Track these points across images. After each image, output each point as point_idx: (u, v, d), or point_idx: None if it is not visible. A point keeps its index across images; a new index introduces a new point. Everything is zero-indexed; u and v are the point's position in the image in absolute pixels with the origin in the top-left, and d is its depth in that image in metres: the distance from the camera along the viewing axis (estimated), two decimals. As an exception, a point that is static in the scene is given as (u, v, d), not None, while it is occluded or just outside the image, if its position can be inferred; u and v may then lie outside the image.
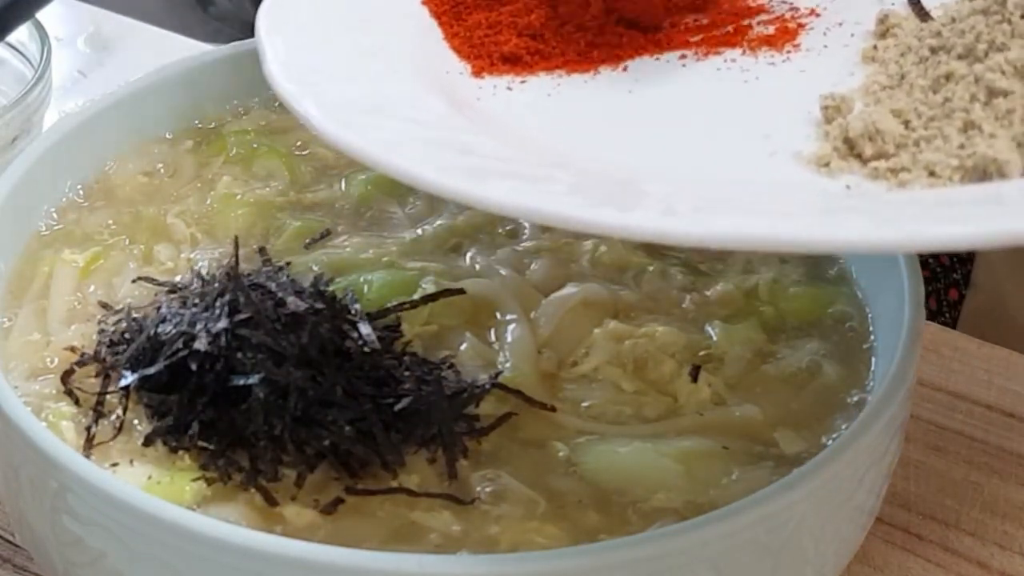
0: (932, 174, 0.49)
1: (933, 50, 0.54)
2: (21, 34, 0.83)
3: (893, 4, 0.60)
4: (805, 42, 0.60)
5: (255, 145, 0.70)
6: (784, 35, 0.61)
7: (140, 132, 0.70)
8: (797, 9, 0.62)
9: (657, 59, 0.60)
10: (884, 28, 0.58)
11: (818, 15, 0.61)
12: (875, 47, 0.57)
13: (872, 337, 0.59)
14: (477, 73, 0.60)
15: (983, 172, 0.49)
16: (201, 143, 0.71)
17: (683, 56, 0.60)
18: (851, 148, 0.51)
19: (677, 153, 0.54)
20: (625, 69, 0.60)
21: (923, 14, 0.59)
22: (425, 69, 0.60)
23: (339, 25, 0.61)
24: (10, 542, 0.66)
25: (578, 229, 0.48)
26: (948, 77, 0.52)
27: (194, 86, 0.71)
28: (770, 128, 0.54)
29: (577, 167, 0.52)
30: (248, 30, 0.68)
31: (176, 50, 0.85)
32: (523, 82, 0.60)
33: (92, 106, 0.68)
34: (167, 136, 0.71)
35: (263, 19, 0.59)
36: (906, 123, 0.52)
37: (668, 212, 0.47)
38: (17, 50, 0.85)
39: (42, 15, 0.75)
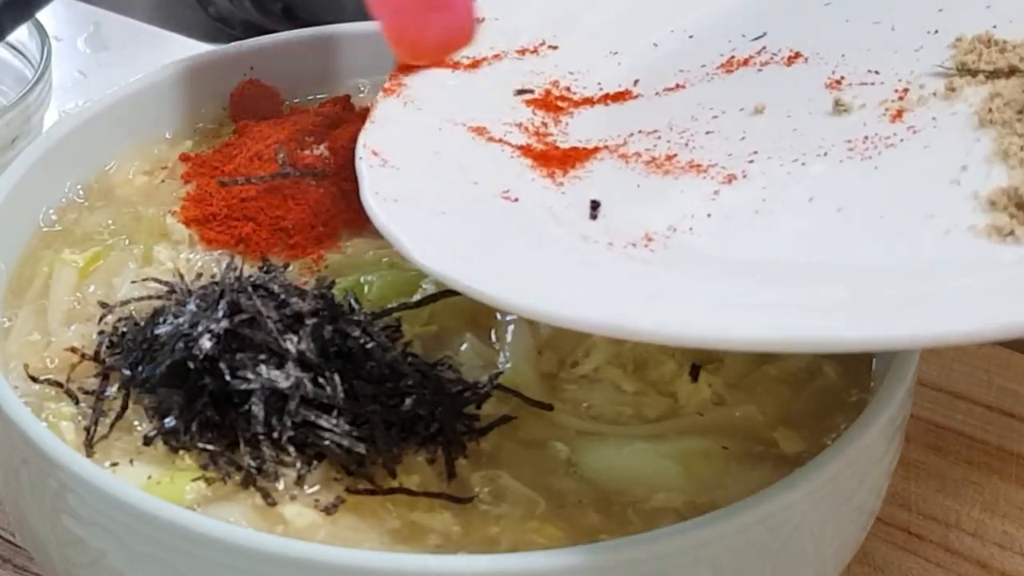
0: None
1: None
2: (21, 34, 0.83)
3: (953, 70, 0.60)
4: (910, 119, 0.58)
5: (255, 145, 0.70)
6: (892, 116, 0.59)
7: (140, 132, 0.70)
8: (887, 86, 0.61)
9: (770, 159, 0.58)
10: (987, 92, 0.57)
11: (907, 90, 0.60)
12: (990, 110, 0.56)
13: (872, 337, 0.59)
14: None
15: None
16: (201, 143, 0.71)
17: (800, 156, 0.58)
18: None
19: (855, 250, 0.52)
20: (745, 176, 0.58)
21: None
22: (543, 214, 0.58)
23: (446, 192, 0.59)
24: (10, 542, 0.66)
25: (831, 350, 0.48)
26: None
27: (194, 86, 0.72)
28: (930, 208, 0.53)
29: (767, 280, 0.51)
30: (248, 30, 0.68)
31: (176, 50, 0.86)
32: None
33: (92, 106, 0.68)
34: (167, 136, 0.71)
35: (376, 206, 0.57)
36: None
37: (913, 314, 0.46)
38: (17, 50, 0.85)
39: (42, 15, 0.75)
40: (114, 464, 0.54)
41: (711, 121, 0.62)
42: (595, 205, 0.58)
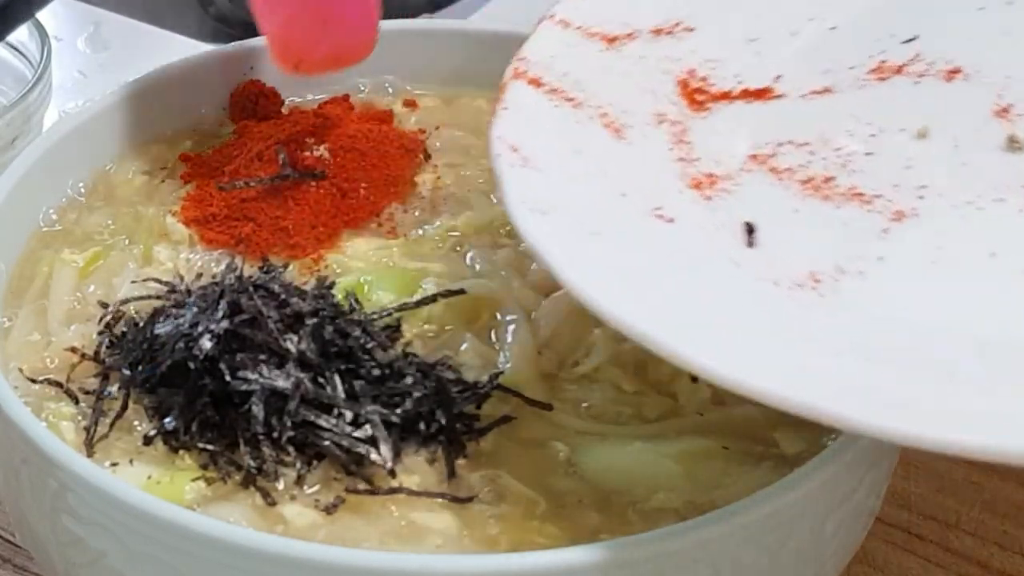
0: None
1: None
2: (21, 34, 0.83)
3: None
4: None
5: (255, 145, 0.70)
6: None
7: (140, 132, 0.70)
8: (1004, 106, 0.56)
9: (941, 196, 0.53)
10: None
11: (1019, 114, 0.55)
12: None
13: (872, 337, 0.59)
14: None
15: None
16: (201, 143, 0.71)
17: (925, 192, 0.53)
18: None
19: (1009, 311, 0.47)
20: (916, 214, 0.52)
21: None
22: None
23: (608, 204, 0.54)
24: (10, 542, 0.66)
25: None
26: None
27: (194, 86, 0.72)
28: None
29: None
30: (248, 30, 0.67)
31: (176, 50, 0.85)
32: None
33: (92, 106, 0.68)
34: (167, 136, 0.71)
35: (525, 221, 0.51)
36: None
37: None
38: (17, 50, 0.85)
39: (42, 15, 0.75)
40: (114, 464, 0.54)
41: (869, 140, 0.56)
42: (751, 229, 0.53)
